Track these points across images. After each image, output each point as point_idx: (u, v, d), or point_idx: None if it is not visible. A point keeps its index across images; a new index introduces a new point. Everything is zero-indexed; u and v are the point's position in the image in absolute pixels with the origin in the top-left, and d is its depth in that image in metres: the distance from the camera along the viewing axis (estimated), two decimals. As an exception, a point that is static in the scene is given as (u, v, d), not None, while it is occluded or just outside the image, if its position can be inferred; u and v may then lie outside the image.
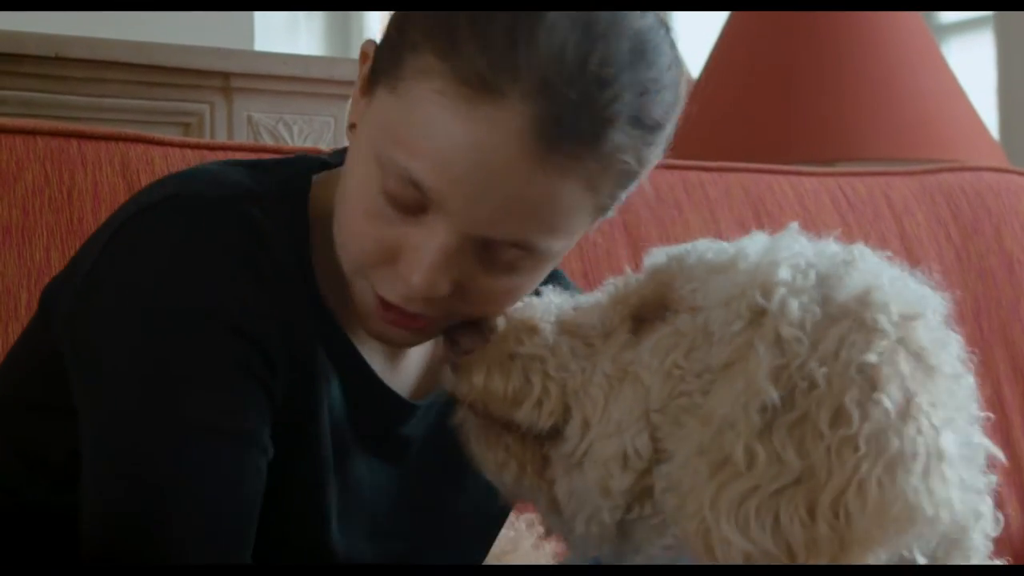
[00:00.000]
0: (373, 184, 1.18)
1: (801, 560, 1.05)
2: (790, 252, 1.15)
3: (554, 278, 1.36)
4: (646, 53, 1.17)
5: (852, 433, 1.05)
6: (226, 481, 1.18)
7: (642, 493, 1.15)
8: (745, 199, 2.18)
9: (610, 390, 1.17)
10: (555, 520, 1.22)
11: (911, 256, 2.23)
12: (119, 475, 1.18)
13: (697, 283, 1.17)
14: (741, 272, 1.15)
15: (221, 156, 1.80)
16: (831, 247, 1.17)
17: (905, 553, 1.08)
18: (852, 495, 1.04)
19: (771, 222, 2.13)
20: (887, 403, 1.06)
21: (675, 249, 1.22)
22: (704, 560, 1.08)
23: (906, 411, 1.06)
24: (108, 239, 1.23)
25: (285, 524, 1.25)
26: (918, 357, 1.10)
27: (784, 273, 1.12)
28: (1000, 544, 1.16)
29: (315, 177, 1.31)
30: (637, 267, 1.25)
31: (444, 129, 1.14)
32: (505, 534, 1.72)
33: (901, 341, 1.09)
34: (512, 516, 1.62)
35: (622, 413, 1.16)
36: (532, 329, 1.21)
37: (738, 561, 1.06)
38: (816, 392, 1.07)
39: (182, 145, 1.81)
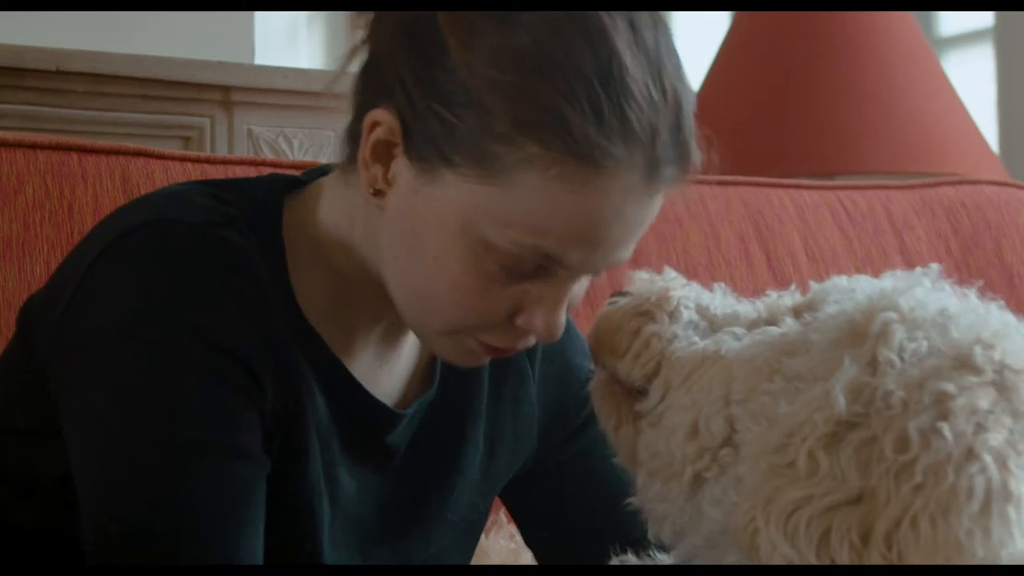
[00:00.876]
0: (482, 262, 1.21)
1: None
2: (918, 289, 1.15)
3: None
4: (677, 54, 1.22)
5: (910, 461, 1.03)
6: (228, 495, 1.18)
7: (709, 467, 1.15)
8: (745, 213, 2.17)
9: (698, 365, 1.19)
10: (632, 471, 1.24)
11: (911, 270, 2.22)
12: (120, 498, 1.18)
13: (829, 304, 1.18)
14: (862, 295, 1.15)
15: (221, 169, 1.80)
16: (972, 298, 1.16)
17: None
18: (906, 529, 1.02)
19: (771, 236, 2.13)
20: (948, 434, 1.03)
21: (839, 279, 1.23)
22: (748, 557, 1.08)
23: (971, 446, 1.03)
24: (88, 265, 1.23)
25: (277, 542, 1.25)
26: (1016, 410, 1.06)
27: (902, 301, 1.12)
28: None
29: (287, 197, 1.32)
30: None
31: (570, 207, 1.18)
32: (506, 546, 1.72)
33: (998, 386, 1.06)
34: (512, 529, 1.62)
35: (700, 390, 1.17)
36: (664, 297, 1.25)
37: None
38: (888, 414, 1.06)
39: (182, 159, 1.81)
